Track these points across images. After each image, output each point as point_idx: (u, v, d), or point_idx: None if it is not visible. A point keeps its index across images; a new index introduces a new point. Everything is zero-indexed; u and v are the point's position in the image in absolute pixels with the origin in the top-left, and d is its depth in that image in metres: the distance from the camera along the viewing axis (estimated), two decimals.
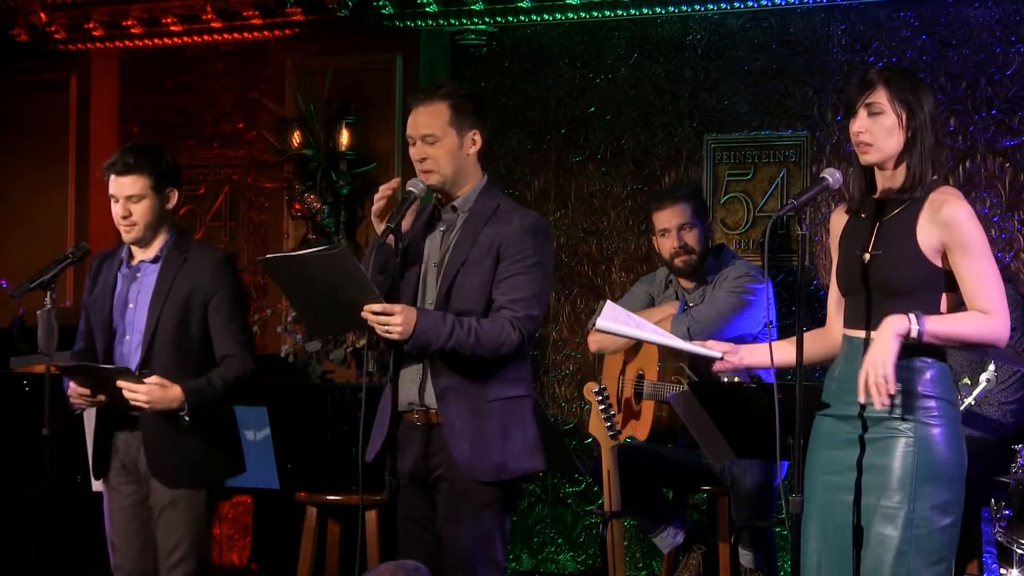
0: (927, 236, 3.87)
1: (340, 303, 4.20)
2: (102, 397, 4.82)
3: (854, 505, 3.91)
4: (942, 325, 3.84)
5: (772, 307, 5.62)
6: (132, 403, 4.74)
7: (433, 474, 4.39)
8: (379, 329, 4.18)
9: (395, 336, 4.18)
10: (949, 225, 3.85)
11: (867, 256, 3.94)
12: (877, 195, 3.98)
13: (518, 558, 7.44)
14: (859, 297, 3.97)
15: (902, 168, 3.92)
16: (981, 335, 3.86)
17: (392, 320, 4.15)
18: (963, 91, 6.58)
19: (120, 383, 4.73)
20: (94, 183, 8.16)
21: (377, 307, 4.16)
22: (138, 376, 4.73)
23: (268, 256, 4.39)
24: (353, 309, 4.17)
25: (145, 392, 4.72)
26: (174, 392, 4.75)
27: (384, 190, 4.37)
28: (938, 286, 3.89)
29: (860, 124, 3.92)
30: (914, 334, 3.81)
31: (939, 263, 3.88)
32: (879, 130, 3.90)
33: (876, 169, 3.97)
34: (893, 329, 3.80)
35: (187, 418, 4.78)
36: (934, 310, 3.88)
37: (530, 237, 4.34)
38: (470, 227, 4.38)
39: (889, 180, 3.96)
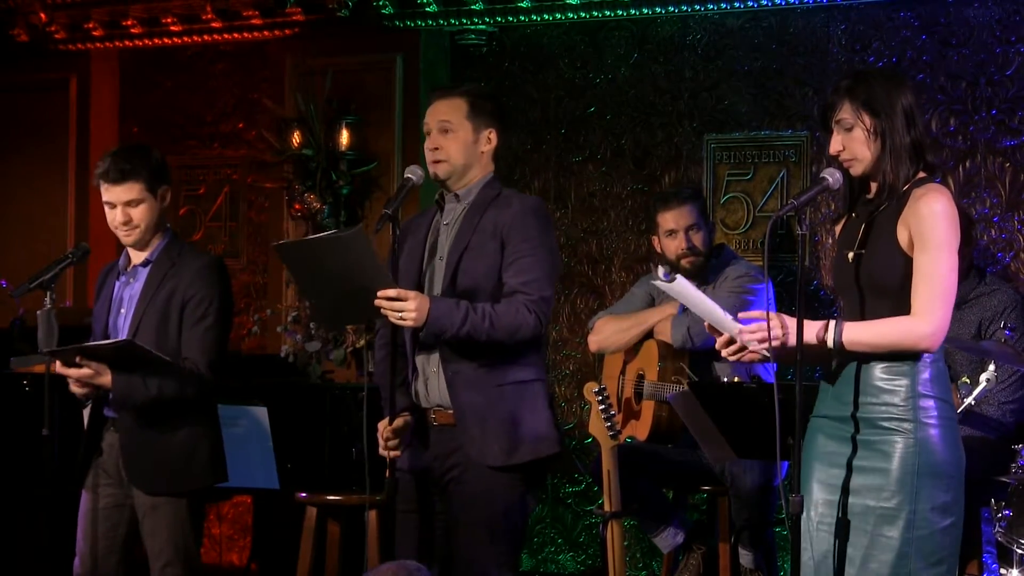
0: (904, 232, 3.87)
1: (353, 291, 4.17)
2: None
3: (851, 507, 3.90)
4: (861, 332, 3.85)
5: (772, 307, 5.59)
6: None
7: (446, 476, 4.37)
8: (392, 316, 4.15)
9: (409, 323, 4.15)
10: (918, 217, 3.84)
11: (850, 255, 3.96)
12: (870, 195, 3.99)
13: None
14: (849, 296, 3.98)
15: (879, 171, 3.93)
16: (899, 340, 3.84)
17: (406, 306, 4.13)
18: (963, 91, 6.58)
19: (59, 367, 4.75)
20: (93, 184, 8.17)
21: (392, 292, 4.14)
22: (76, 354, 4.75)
23: (282, 242, 4.38)
24: (366, 297, 4.14)
25: (76, 375, 4.74)
26: (103, 380, 4.75)
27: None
28: None
29: (836, 143, 3.94)
30: (830, 343, 3.84)
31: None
32: (854, 144, 3.91)
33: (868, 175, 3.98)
34: (808, 336, 3.84)
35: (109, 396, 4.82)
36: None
37: (532, 217, 4.35)
38: (471, 215, 4.39)
39: (875, 184, 3.97)
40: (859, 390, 3.91)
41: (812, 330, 3.86)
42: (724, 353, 3.96)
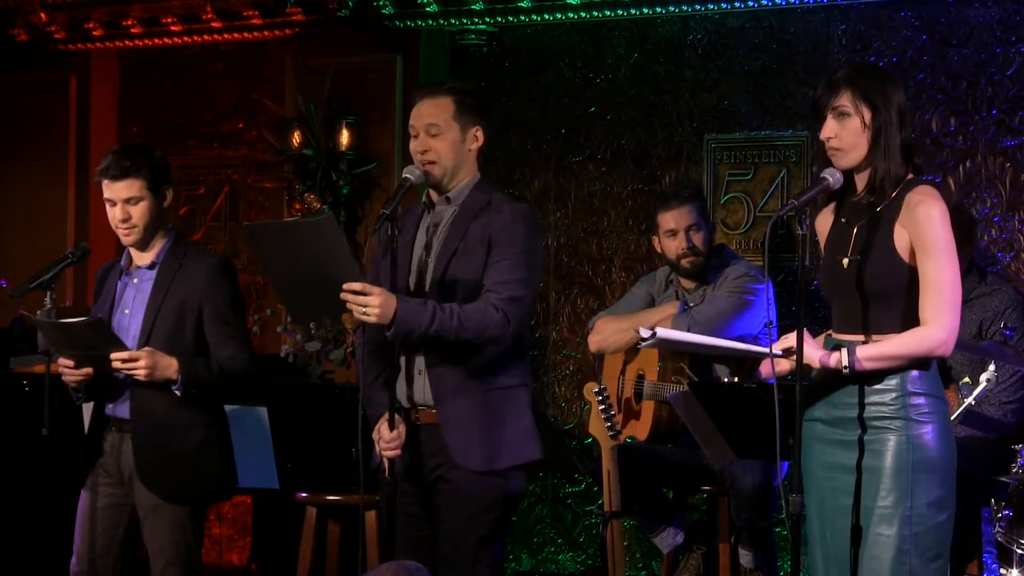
0: (902, 237, 3.87)
1: (321, 281, 4.13)
2: (88, 370, 4.77)
3: (852, 508, 3.91)
4: (874, 350, 3.86)
5: (772, 307, 5.61)
6: (130, 374, 4.70)
7: (433, 474, 4.38)
8: (357, 311, 4.13)
9: (372, 319, 4.12)
10: (917, 223, 3.84)
11: (846, 261, 3.95)
12: (857, 196, 3.98)
13: (518, 558, 7.44)
14: (842, 301, 3.98)
15: (869, 169, 3.92)
16: (914, 351, 3.85)
17: (370, 301, 4.10)
18: (963, 91, 6.58)
19: (115, 356, 4.69)
20: (94, 183, 8.15)
21: (357, 286, 4.10)
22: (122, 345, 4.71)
23: (252, 223, 4.36)
24: (333, 289, 4.11)
25: (143, 362, 4.68)
26: (169, 361, 4.72)
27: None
28: (917, 288, 3.87)
29: (828, 129, 3.93)
30: (844, 362, 3.85)
31: (915, 264, 3.88)
32: (847, 134, 3.90)
33: (853, 171, 3.97)
34: (823, 360, 3.87)
35: (178, 392, 4.73)
36: (914, 312, 3.87)
37: (520, 224, 4.35)
38: (461, 219, 4.39)
39: (862, 181, 3.96)
40: (849, 391, 3.91)
41: (825, 358, 3.87)
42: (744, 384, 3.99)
